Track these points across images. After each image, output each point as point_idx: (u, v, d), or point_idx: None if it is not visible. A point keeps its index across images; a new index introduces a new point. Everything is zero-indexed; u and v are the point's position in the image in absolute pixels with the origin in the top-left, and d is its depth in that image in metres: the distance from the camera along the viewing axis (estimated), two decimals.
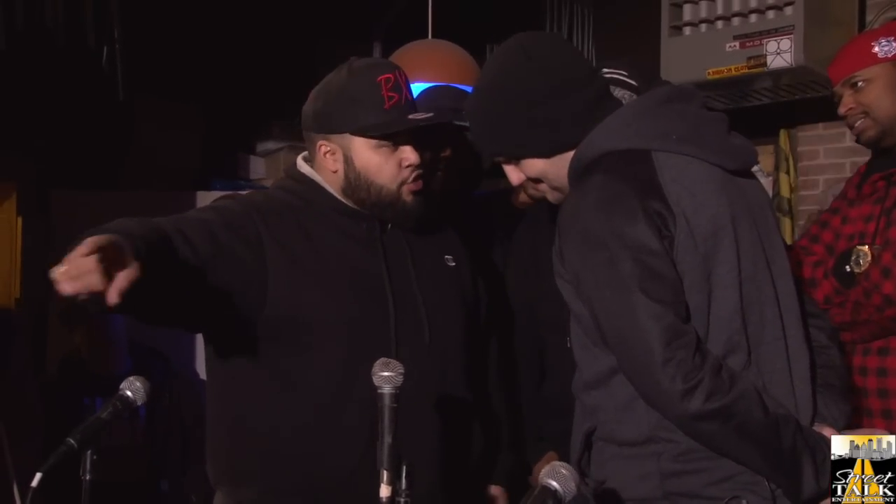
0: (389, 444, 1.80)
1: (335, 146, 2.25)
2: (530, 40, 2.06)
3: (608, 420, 1.96)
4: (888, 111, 2.57)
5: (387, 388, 1.81)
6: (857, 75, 2.60)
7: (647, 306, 1.82)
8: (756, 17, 4.07)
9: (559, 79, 2.00)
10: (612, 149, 1.95)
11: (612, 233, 1.86)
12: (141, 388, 2.09)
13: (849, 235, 2.62)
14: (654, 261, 1.85)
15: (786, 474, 1.86)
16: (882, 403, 2.47)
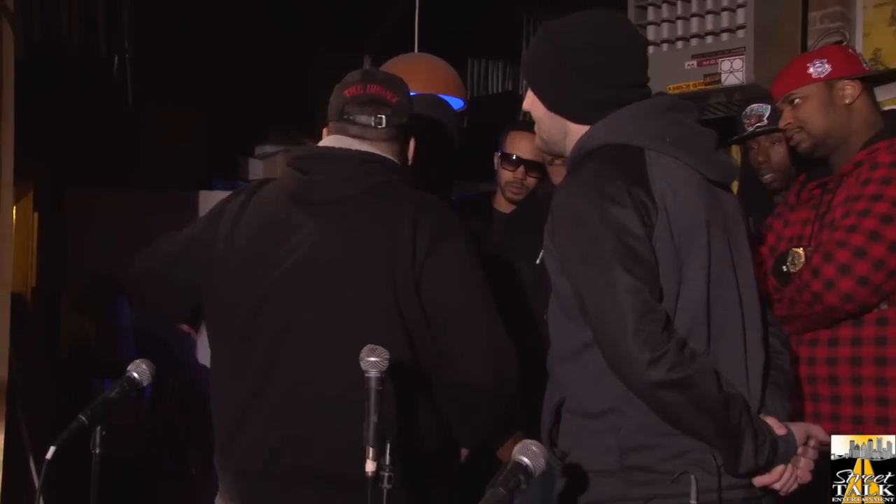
0: (375, 423, 1.81)
1: None
2: (613, 25, 2.06)
3: (576, 392, 1.97)
4: (821, 126, 2.57)
5: (373, 372, 1.83)
6: (795, 93, 2.60)
7: (626, 282, 1.83)
8: (712, 38, 4.09)
9: (603, 63, 2.01)
10: (610, 142, 1.97)
11: (600, 214, 1.88)
12: (146, 371, 2.10)
13: (788, 238, 2.62)
14: (636, 243, 1.86)
15: (729, 447, 1.87)
16: (811, 388, 2.48)
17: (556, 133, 2.09)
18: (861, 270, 2.33)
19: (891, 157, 2.43)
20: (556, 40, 2.05)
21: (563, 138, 2.08)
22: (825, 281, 2.35)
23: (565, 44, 2.03)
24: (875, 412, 2.39)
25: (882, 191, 2.38)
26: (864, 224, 2.35)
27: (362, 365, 1.82)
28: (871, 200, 2.38)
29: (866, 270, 2.33)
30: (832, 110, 2.56)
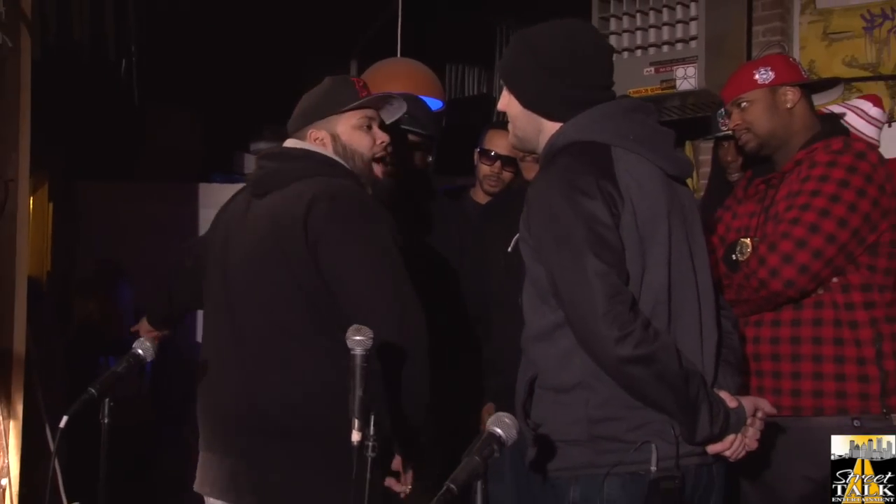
0: (360, 397, 1.80)
1: (323, 131, 2.31)
2: (584, 33, 2.08)
3: (548, 368, 1.96)
4: (766, 128, 2.56)
5: (358, 349, 1.82)
6: (742, 98, 2.59)
7: (596, 266, 1.83)
8: (667, 48, 4.11)
9: (575, 66, 2.01)
10: (579, 139, 1.97)
11: (572, 205, 1.87)
12: (150, 348, 2.10)
13: (737, 228, 2.62)
14: (605, 231, 1.86)
15: (687, 418, 1.87)
16: (756, 365, 2.48)
17: (530, 130, 2.08)
18: (802, 259, 2.34)
19: (828, 157, 2.43)
20: (534, 45, 2.04)
21: (536, 135, 2.06)
22: (770, 269, 2.35)
23: (542, 48, 2.03)
24: (811, 386, 2.39)
25: (820, 187, 2.38)
26: (805, 217, 2.36)
27: (348, 343, 1.82)
28: (811, 196, 2.38)
29: (807, 259, 2.34)
30: (775, 113, 2.56)
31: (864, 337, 2.39)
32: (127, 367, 2.06)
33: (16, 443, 2.99)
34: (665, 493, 1.86)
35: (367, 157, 2.31)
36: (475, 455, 1.55)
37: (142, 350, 2.10)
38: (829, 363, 2.39)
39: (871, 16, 4.17)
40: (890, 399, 2.38)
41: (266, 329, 2.22)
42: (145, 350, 2.10)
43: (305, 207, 2.17)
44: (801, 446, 2.38)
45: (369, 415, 1.81)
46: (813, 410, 2.39)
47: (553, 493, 1.95)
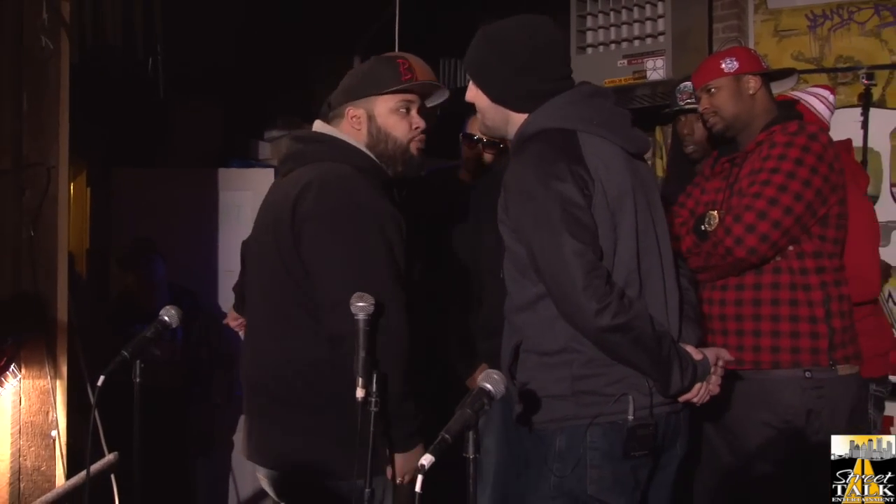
0: (363, 357, 1.80)
1: (361, 110, 2.14)
2: (543, 28, 2.01)
3: (533, 335, 1.95)
4: (731, 111, 2.56)
5: (361, 315, 1.81)
6: (710, 84, 2.59)
7: (573, 245, 1.82)
8: (639, 42, 4.10)
9: (537, 61, 1.97)
10: (547, 126, 1.94)
11: (546, 189, 1.85)
12: (175, 315, 2.09)
13: (705, 202, 2.63)
14: (578, 212, 1.85)
15: (661, 374, 1.88)
16: (721, 325, 2.49)
17: (498, 121, 2.04)
18: (763, 229, 2.34)
19: (785, 138, 2.44)
20: (497, 42, 1.99)
21: (505, 125, 2.04)
22: (735, 238, 2.35)
23: (505, 45, 1.98)
24: (770, 342, 2.41)
25: (779, 165, 2.39)
26: (766, 192, 2.36)
27: (352, 309, 1.81)
28: (770, 173, 2.39)
29: (767, 229, 2.34)
30: (739, 99, 2.55)
31: (815, 298, 2.41)
32: (155, 332, 2.06)
33: (62, 399, 3.02)
34: (641, 438, 1.87)
35: (401, 141, 2.14)
36: (467, 408, 1.55)
37: (168, 317, 2.09)
38: (786, 322, 2.40)
39: (814, 16, 4.22)
40: (835, 353, 2.41)
41: (264, 308, 2.13)
42: (171, 317, 2.09)
43: (298, 192, 2.03)
44: (759, 395, 2.41)
45: (372, 373, 1.80)
46: (771, 364, 2.41)
47: (541, 443, 1.95)
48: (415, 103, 2.17)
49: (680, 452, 2.03)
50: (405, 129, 2.14)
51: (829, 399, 2.40)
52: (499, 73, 1.99)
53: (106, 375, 1.92)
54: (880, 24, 4.03)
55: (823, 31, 4.17)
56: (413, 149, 2.16)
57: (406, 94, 2.15)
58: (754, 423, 2.42)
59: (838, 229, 2.50)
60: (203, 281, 4.28)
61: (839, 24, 4.13)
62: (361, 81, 2.17)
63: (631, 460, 1.88)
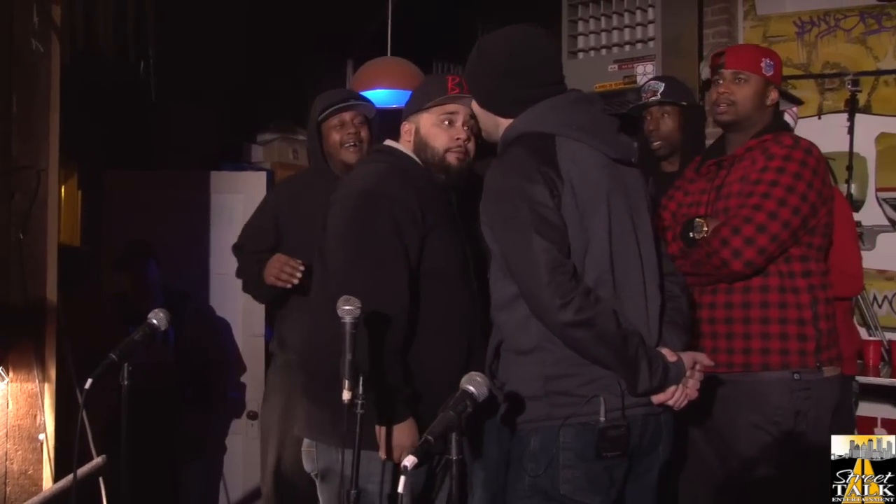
0: (350, 360, 1.81)
1: (411, 125, 2.32)
2: (526, 38, 2.07)
3: (510, 334, 1.99)
4: (746, 109, 2.54)
5: (348, 318, 1.82)
6: (743, 73, 2.55)
7: (540, 244, 1.85)
8: (629, 47, 4.12)
9: (520, 69, 2.02)
10: (528, 131, 1.99)
11: (517, 190, 1.90)
12: (164, 318, 2.09)
13: (688, 204, 2.63)
14: (546, 212, 1.88)
15: (629, 372, 1.90)
16: (711, 328, 2.50)
17: (490, 126, 2.11)
18: (762, 242, 2.35)
19: (783, 151, 2.44)
20: (484, 51, 2.07)
21: (495, 130, 2.09)
22: (733, 250, 2.36)
23: (493, 54, 2.05)
24: (759, 345, 2.42)
25: (778, 178, 2.39)
26: (766, 205, 2.37)
27: (339, 312, 1.82)
28: (770, 185, 2.39)
29: (765, 242, 2.36)
30: (759, 102, 2.55)
31: (803, 301, 2.43)
32: (143, 335, 2.06)
33: (50, 402, 3.01)
34: (612, 439, 1.89)
35: (439, 151, 2.26)
36: (450, 410, 1.56)
37: (156, 320, 2.10)
38: (775, 324, 2.41)
39: (802, 22, 4.23)
40: (822, 355, 2.43)
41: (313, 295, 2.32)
42: (159, 320, 2.10)
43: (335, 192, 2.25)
44: (748, 398, 2.42)
45: (358, 376, 1.81)
46: (761, 366, 2.42)
47: (518, 443, 1.97)
48: (460, 115, 2.28)
49: (663, 456, 2.05)
50: (445, 140, 2.26)
51: (815, 400, 2.41)
52: (484, 79, 2.07)
53: (93, 378, 1.93)
54: (865, 32, 4.06)
55: (811, 37, 4.19)
56: (450, 158, 2.27)
57: (448, 105, 2.27)
58: (743, 426, 2.42)
59: (824, 237, 2.52)
60: (195, 283, 4.28)
61: (826, 31, 4.15)
62: (414, 99, 2.34)
63: (604, 461, 1.90)
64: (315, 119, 2.93)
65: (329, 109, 2.92)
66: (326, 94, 3.00)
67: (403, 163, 2.28)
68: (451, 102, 2.27)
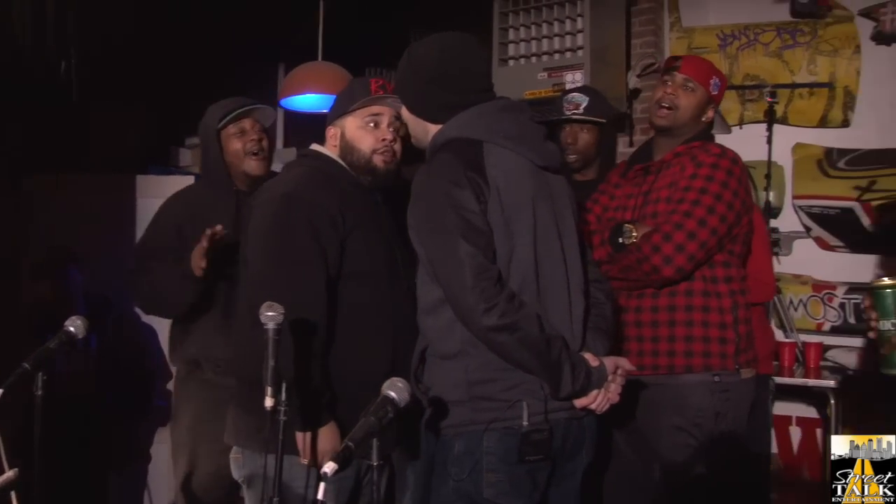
0: (272, 367, 1.79)
1: (337, 128, 2.30)
2: (455, 45, 2.07)
3: (434, 339, 1.99)
4: (683, 119, 2.58)
5: (271, 324, 1.80)
6: (692, 83, 2.60)
7: (465, 248, 1.86)
8: (558, 56, 4.17)
9: (448, 76, 2.03)
10: (456, 136, 1.99)
11: (443, 194, 1.90)
12: (81, 325, 2.04)
13: (614, 208, 2.66)
14: (472, 217, 1.89)
15: (551, 377, 1.92)
16: (637, 331, 2.53)
17: (419, 132, 2.11)
18: (691, 249, 2.39)
19: (711, 159, 2.49)
20: (413, 57, 2.08)
21: (425, 136, 2.09)
22: (664, 256, 2.39)
23: (421, 60, 2.06)
24: (683, 347, 2.46)
25: (707, 186, 2.44)
26: (696, 212, 2.41)
27: (261, 318, 1.80)
28: (700, 193, 2.43)
29: (695, 249, 2.40)
30: (695, 116, 2.61)
31: (725, 305, 2.47)
32: (59, 343, 2.01)
33: None
34: (535, 443, 1.90)
35: (365, 153, 2.25)
36: (371, 416, 1.55)
37: (73, 328, 2.04)
38: (698, 327, 2.46)
39: (724, 35, 4.36)
40: (740, 357, 2.48)
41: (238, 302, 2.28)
42: (77, 327, 2.04)
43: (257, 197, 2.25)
44: (671, 400, 2.46)
45: (281, 383, 1.79)
46: (684, 369, 2.46)
47: (442, 448, 1.97)
48: (385, 116, 2.27)
49: (586, 459, 2.07)
50: (370, 141, 2.25)
51: (734, 401, 2.47)
52: (413, 85, 2.07)
53: (4, 389, 1.86)
54: (782, 46, 4.20)
55: (732, 49, 4.32)
56: (377, 160, 2.26)
57: (373, 107, 2.26)
58: (666, 428, 2.47)
59: (744, 245, 2.59)
60: (121, 290, 4.16)
61: (746, 45, 4.28)
62: (338, 102, 2.32)
63: (527, 464, 1.91)
64: (213, 127, 2.81)
65: (229, 116, 2.80)
66: (221, 102, 2.87)
67: (327, 166, 2.27)
68: (376, 104, 2.26)
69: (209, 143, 2.82)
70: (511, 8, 4.27)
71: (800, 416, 4.00)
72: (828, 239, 4.04)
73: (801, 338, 3.91)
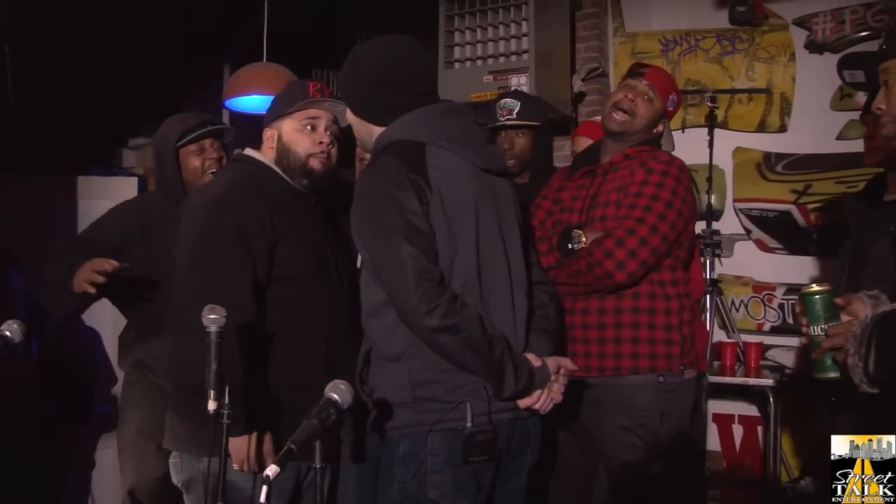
0: (215, 370, 1.78)
1: (274, 131, 2.29)
2: (399, 48, 2.07)
3: (378, 340, 1.99)
4: (638, 127, 2.60)
5: (213, 327, 1.79)
6: (652, 93, 2.63)
7: (407, 250, 1.86)
8: (504, 59, 4.18)
9: (392, 78, 2.03)
10: (400, 138, 2.00)
11: (386, 196, 1.90)
12: (18, 329, 2.00)
13: (559, 210, 2.68)
14: (414, 218, 1.89)
15: (494, 377, 1.93)
16: (583, 333, 2.55)
17: (363, 134, 2.11)
18: (643, 255, 2.41)
19: (661, 167, 2.51)
20: (357, 60, 2.07)
21: (369, 138, 2.09)
22: (617, 262, 2.41)
23: (365, 62, 2.06)
24: (630, 349, 2.48)
25: (658, 193, 2.46)
26: (648, 218, 2.43)
27: (204, 322, 1.79)
28: (651, 199, 2.45)
29: (647, 255, 2.42)
30: (649, 127, 2.63)
31: (672, 307, 2.51)
32: None
33: None
34: (479, 444, 1.91)
35: (301, 156, 2.25)
36: (313, 418, 1.55)
37: (9, 332, 1.99)
38: (645, 329, 2.48)
39: (666, 41, 4.44)
40: (685, 359, 2.52)
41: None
42: (13, 332, 1.99)
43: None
44: (616, 401, 2.48)
45: (224, 386, 1.78)
46: (631, 370, 2.48)
47: (387, 449, 1.97)
48: (322, 120, 2.28)
49: (531, 459, 2.08)
50: (307, 145, 2.26)
51: (677, 401, 2.51)
52: (358, 87, 2.07)
53: None
54: (721, 53, 4.30)
55: (674, 55, 4.40)
56: (313, 163, 2.26)
57: (310, 110, 2.26)
58: (612, 428, 2.49)
59: (688, 251, 2.63)
60: None
61: (687, 50, 4.37)
62: (275, 104, 2.32)
63: (471, 465, 1.92)
64: (172, 143, 2.77)
65: (190, 136, 2.77)
66: (180, 116, 2.84)
67: (259, 171, 2.26)
68: (313, 107, 2.27)
69: (166, 157, 2.80)
70: (457, 11, 4.28)
71: (742, 415, 4.09)
72: (767, 241, 4.14)
73: (742, 338, 4.00)
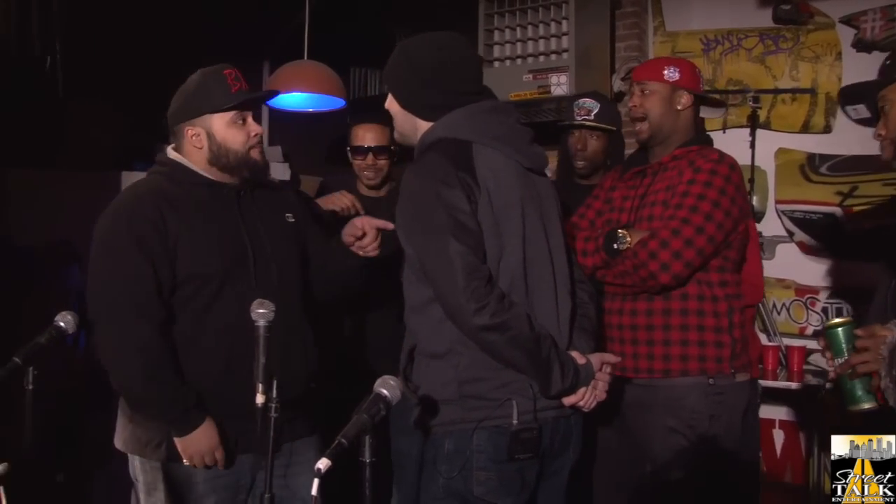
0: (263, 364, 1.80)
1: (199, 129, 2.22)
2: (453, 46, 2.08)
3: (424, 338, 2.00)
4: (657, 118, 2.58)
5: (262, 321, 1.81)
6: (647, 85, 2.60)
7: (455, 248, 1.87)
8: (543, 58, 4.18)
9: (444, 74, 2.04)
10: (446, 136, 2.01)
11: (434, 194, 1.91)
12: (72, 321, 2.05)
13: (609, 210, 2.67)
14: (463, 216, 1.90)
15: (541, 375, 1.94)
16: (631, 334, 2.53)
17: (408, 128, 2.12)
18: (688, 256, 2.39)
19: (710, 165, 2.47)
20: (409, 54, 2.08)
21: (414, 132, 2.10)
22: (661, 263, 2.39)
23: (416, 58, 2.06)
24: (679, 351, 2.46)
25: (705, 192, 2.43)
26: (694, 219, 2.40)
27: (252, 316, 1.81)
28: (698, 199, 2.42)
29: (692, 256, 2.40)
30: (668, 109, 2.58)
31: (721, 309, 2.48)
32: (49, 338, 2.01)
33: None
34: (524, 442, 1.92)
35: (241, 151, 2.22)
36: (363, 413, 1.57)
37: (64, 323, 2.04)
38: (694, 331, 2.46)
39: (707, 40, 4.40)
40: (736, 361, 2.49)
41: None
42: (67, 323, 2.05)
43: None
44: (664, 402, 2.47)
45: (272, 379, 1.80)
46: (680, 372, 2.46)
47: (432, 446, 1.99)
48: (250, 111, 2.26)
49: (573, 457, 2.09)
50: (243, 139, 2.23)
51: (728, 405, 2.48)
52: (408, 82, 2.07)
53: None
54: (765, 52, 4.25)
55: (716, 54, 4.37)
56: (254, 154, 2.25)
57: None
58: (659, 429, 2.47)
59: (739, 251, 2.58)
60: None
61: (730, 49, 4.33)
62: (195, 100, 2.23)
63: (516, 462, 1.93)
64: None
65: None
66: None
67: (173, 172, 2.23)
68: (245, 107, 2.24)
69: None
70: (496, 10, 4.29)
71: (783, 420, 4.05)
72: (810, 244, 4.10)
73: (785, 342, 3.96)
